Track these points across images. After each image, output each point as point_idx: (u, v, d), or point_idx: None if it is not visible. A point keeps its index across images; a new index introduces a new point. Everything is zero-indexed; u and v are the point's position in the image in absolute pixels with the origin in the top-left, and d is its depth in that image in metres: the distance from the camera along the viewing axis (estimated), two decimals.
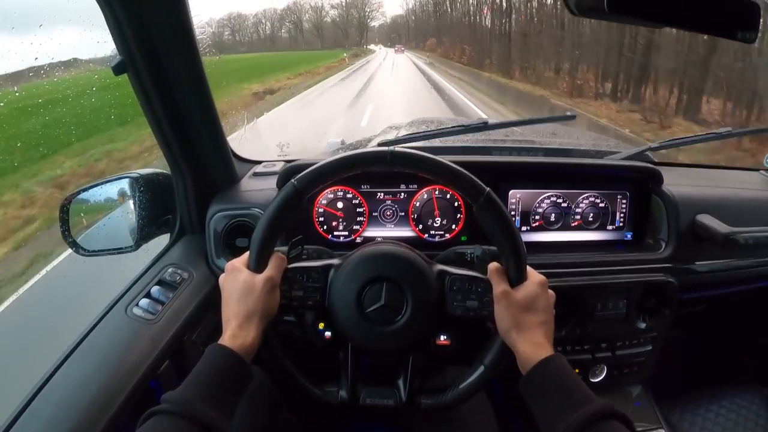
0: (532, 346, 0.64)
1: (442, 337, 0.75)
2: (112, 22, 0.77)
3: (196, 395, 0.56)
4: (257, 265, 0.67)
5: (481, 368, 0.71)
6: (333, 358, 0.75)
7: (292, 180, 0.66)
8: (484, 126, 1.10)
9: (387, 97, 12.72)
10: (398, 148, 0.66)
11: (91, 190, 0.97)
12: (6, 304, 2.80)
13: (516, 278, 0.67)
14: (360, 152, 0.68)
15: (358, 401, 0.71)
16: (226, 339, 0.62)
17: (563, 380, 0.61)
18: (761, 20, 0.66)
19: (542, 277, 0.69)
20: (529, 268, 0.69)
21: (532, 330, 0.65)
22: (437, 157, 0.67)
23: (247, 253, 0.68)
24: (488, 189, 0.66)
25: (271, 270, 0.67)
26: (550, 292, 0.69)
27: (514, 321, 0.65)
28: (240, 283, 0.66)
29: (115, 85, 1.01)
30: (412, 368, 0.72)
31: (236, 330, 0.63)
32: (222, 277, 0.69)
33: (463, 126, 1.09)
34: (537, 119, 1.29)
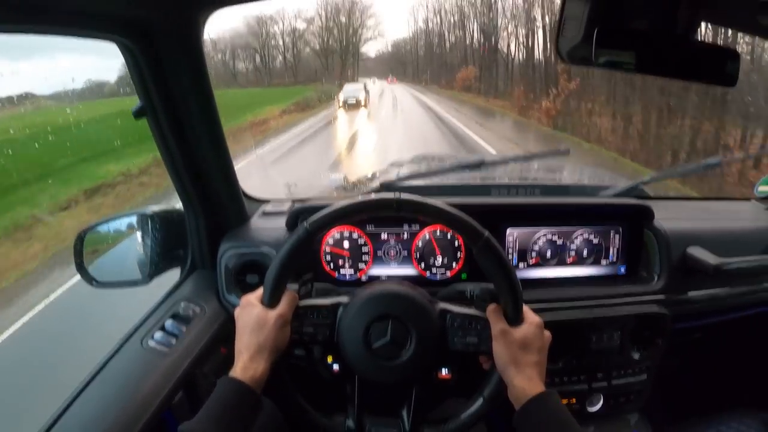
0: (528, 381, 0.68)
1: (444, 371, 0.80)
2: (134, 70, 0.83)
3: (210, 426, 0.61)
4: (270, 302, 0.71)
5: (481, 400, 0.74)
6: (340, 390, 0.79)
7: (305, 224, 0.71)
8: (480, 164, 1.15)
9: None
10: (404, 196, 0.71)
11: (106, 224, 1.01)
12: None
13: (514, 317, 0.71)
14: (369, 199, 0.72)
15: (364, 431, 0.75)
16: (238, 370, 0.67)
17: (558, 415, 0.66)
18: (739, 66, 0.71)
19: (539, 318, 0.73)
20: (527, 309, 0.73)
21: (528, 368, 0.69)
22: (439, 204, 0.72)
23: (262, 288, 0.73)
24: (487, 233, 0.71)
25: (283, 307, 0.71)
26: (546, 333, 0.73)
27: (512, 358, 0.69)
28: (253, 317, 0.70)
29: None
30: (415, 400, 0.76)
31: (247, 362, 0.68)
32: (237, 310, 0.74)
33: (461, 165, 1.14)
34: (531, 156, 1.34)
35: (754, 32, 0.86)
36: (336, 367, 0.79)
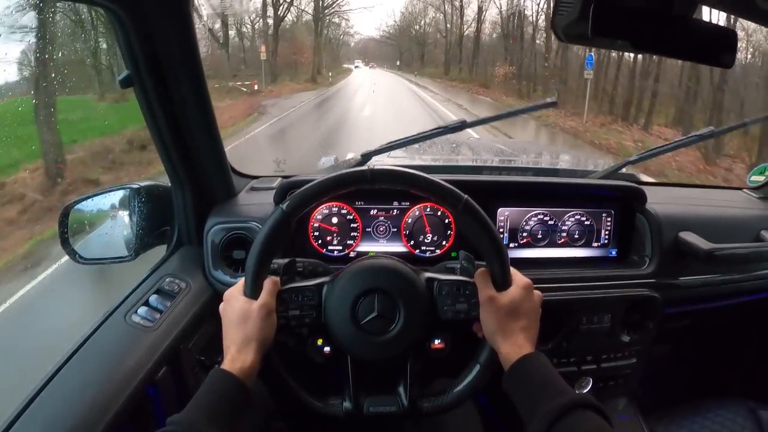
0: (516, 348, 0.67)
1: (437, 341, 0.78)
2: (121, 38, 0.81)
3: (199, 417, 0.60)
4: (252, 292, 0.70)
5: (477, 367, 0.74)
6: (334, 372, 0.78)
7: (280, 205, 0.69)
8: (462, 125, 1.11)
9: None
10: (378, 166, 0.70)
11: (91, 199, 0.99)
12: None
13: (501, 281, 0.70)
14: (341, 173, 0.71)
15: (363, 411, 0.74)
16: (227, 363, 0.66)
17: (544, 373, 0.65)
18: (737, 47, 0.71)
19: (527, 280, 0.72)
20: (514, 271, 0.72)
21: (515, 334, 0.68)
22: (416, 172, 0.71)
23: (243, 280, 0.71)
24: (466, 196, 0.70)
25: (265, 296, 0.70)
26: (536, 292, 0.72)
27: (498, 326, 0.68)
28: (237, 310, 0.69)
29: None
30: (410, 374, 0.75)
31: (235, 355, 0.67)
32: (221, 306, 0.73)
33: (442, 128, 1.10)
34: (517, 110, 1.27)
35: (752, 17, 0.84)
36: (327, 349, 0.77)
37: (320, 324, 0.74)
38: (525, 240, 1.07)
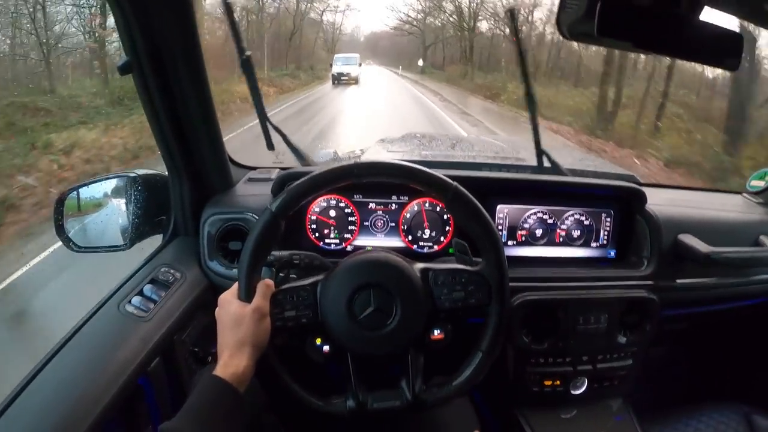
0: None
1: (436, 332, 0.78)
2: (121, 23, 0.80)
3: (190, 425, 0.60)
4: (246, 295, 0.70)
5: (480, 354, 0.73)
6: (335, 370, 0.77)
7: (269, 207, 0.69)
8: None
9: None
10: (362, 160, 0.70)
11: (87, 187, 0.98)
12: None
13: (496, 269, 0.71)
14: (327, 169, 0.71)
15: (367, 408, 0.73)
16: (219, 368, 0.66)
17: None
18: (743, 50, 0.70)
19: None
20: None
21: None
22: (402, 162, 0.70)
23: (236, 284, 0.71)
24: (455, 183, 0.70)
25: (258, 300, 0.70)
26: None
27: None
28: (231, 314, 0.69)
29: None
30: (412, 367, 0.74)
31: (228, 359, 0.66)
32: (216, 311, 0.72)
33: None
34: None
35: (760, 21, 0.84)
36: (326, 348, 0.77)
37: (317, 323, 0.73)
38: (523, 238, 1.07)
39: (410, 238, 1.05)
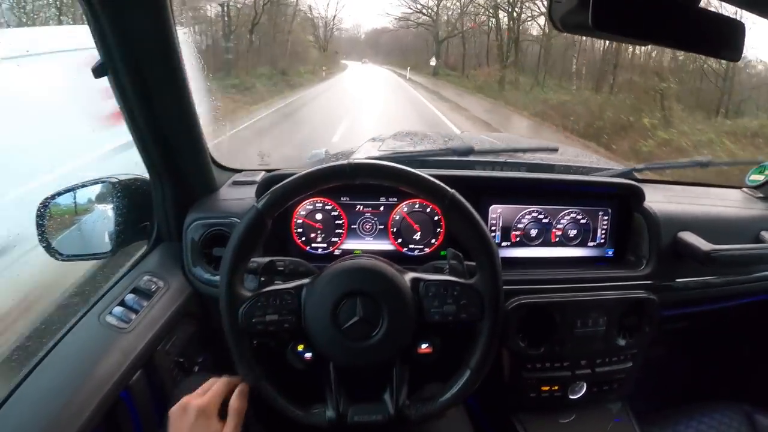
0: None
1: (423, 346, 0.74)
2: (93, 24, 0.76)
3: None
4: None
5: (468, 372, 0.70)
6: (316, 379, 0.74)
7: (255, 205, 0.66)
8: (470, 151, 1.11)
9: None
10: (358, 160, 0.67)
11: (68, 194, 0.95)
12: None
13: (491, 283, 0.69)
14: (320, 168, 0.68)
15: (347, 420, 0.70)
16: None
17: None
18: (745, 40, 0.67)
19: None
20: None
21: None
22: (399, 166, 0.67)
23: (200, 388, 0.71)
24: (453, 191, 0.67)
25: (208, 397, 0.69)
26: None
27: None
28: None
29: None
30: (397, 380, 0.71)
31: None
32: (171, 410, 0.70)
33: (449, 150, 1.10)
34: (521, 149, 1.31)
35: (759, 11, 0.80)
36: (308, 355, 0.73)
37: (300, 329, 0.70)
38: (518, 239, 1.04)
39: (400, 240, 1.02)
